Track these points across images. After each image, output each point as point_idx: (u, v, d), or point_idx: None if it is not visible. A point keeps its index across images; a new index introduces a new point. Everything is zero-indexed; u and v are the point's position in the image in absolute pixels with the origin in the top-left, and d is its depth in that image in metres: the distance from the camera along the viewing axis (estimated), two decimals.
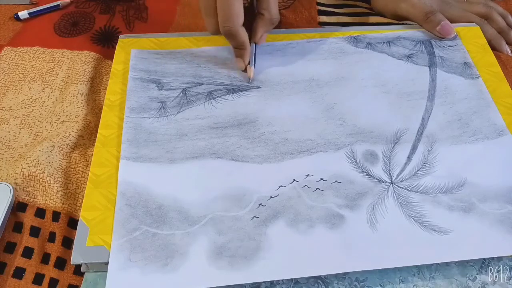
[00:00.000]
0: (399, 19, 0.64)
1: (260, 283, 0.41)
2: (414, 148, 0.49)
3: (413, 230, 0.42)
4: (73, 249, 0.41)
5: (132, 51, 0.56)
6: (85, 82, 0.56)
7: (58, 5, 0.66)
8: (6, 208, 0.43)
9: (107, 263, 0.40)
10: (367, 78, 0.55)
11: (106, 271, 0.39)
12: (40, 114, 0.53)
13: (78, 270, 0.43)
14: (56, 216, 0.45)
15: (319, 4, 0.69)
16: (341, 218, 0.43)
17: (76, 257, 0.40)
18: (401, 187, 0.45)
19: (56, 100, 0.54)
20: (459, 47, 0.59)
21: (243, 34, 0.51)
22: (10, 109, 0.54)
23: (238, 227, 0.42)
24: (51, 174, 0.47)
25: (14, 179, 0.46)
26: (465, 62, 0.57)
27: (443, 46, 0.59)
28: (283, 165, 0.47)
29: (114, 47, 0.58)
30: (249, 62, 0.54)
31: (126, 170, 0.46)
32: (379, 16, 0.67)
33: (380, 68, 0.56)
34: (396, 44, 0.59)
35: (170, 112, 0.51)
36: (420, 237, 0.42)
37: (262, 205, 0.44)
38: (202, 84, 0.54)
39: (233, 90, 0.53)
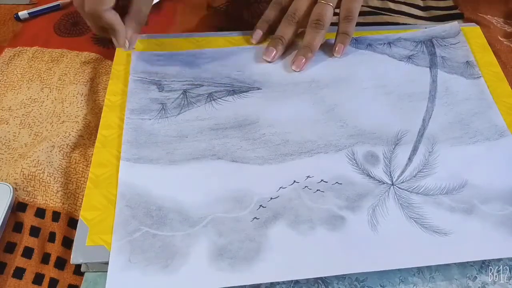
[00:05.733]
0: None
1: (260, 283, 0.41)
2: (415, 150, 0.49)
3: (414, 231, 0.42)
4: (73, 249, 0.41)
5: (132, 53, 0.56)
6: (85, 83, 0.56)
7: (58, 5, 0.66)
8: (6, 208, 0.43)
9: (107, 263, 0.40)
10: (367, 79, 0.55)
11: (106, 271, 0.39)
12: (40, 114, 0.53)
13: (78, 270, 0.43)
14: (56, 216, 0.45)
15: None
16: (341, 219, 0.43)
17: (76, 257, 0.40)
18: (402, 189, 0.45)
19: (55, 99, 0.54)
20: (461, 44, 0.59)
21: (109, 16, 0.50)
22: (9, 109, 0.53)
23: (238, 228, 0.42)
24: (51, 174, 0.47)
25: (14, 179, 0.46)
26: (467, 61, 0.57)
27: (445, 45, 0.59)
28: (283, 166, 0.47)
29: (114, 48, 0.58)
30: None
31: (127, 171, 0.46)
32: (377, 15, 0.67)
33: (381, 69, 0.56)
34: (396, 45, 0.59)
35: (170, 113, 0.51)
36: (421, 238, 0.42)
37: (263, 207, 0.44)
38: (203, 85, 0.54)
39: (233, 91, 0.53)
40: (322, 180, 0.46)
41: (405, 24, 0.65)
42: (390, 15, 0.67)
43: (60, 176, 0.47)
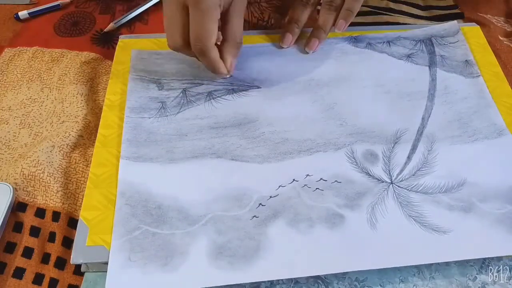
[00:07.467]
0: None
1: (260, 282, 0.41)
2: (414, 148, 0.49)
3: (413, 230, 0.42)
4: (73, 249, 0.41)
5: (132, 52, 0.56)
6: (85, 83, 0.56)
7: (58, 5, 0.66)
8: (6, 208, 0.43)
9: (107, 263, 0.40)
10: (367, 78, 0.55)
11: (106, 271, 0.39)
12: (40, 114, 0.53)
13: (78, 270, 0.43)
14: (56, 216, 0.45)
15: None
16: (341, 218, 0.43)
17: (76, 257, 0.40)
18: (401, 187, 0.46)
19: (55, 99, 0.54)
20: (460, 43, 0.59)
21: (214, 53, 0.49)
22: (9, 109, 0.54)
23: (238, 226, 0.42)
24: (51, 174, 0.47)
25: (14, 179, 0.46)
26: (466, 60, 0.57)
27: (444, 44, 0.59)
28: (283, 165, 0.47)
29: (114, 48, 0.58)
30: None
31: (126, 169, 0.46)
32: (377, 15, 0.67)
33: (380, 68, 0.56)
34: (396, 44, 0.59)
35: (170, 112, 0.51)
36: (420, 237, 0.42)
37: (262, 205, 0.44)
38: (202, 84, 0.54)
39: (233, 90, 0.53)
40: (321, 179, 0.46)
41: (405, 24, 0.64)
42: (391, 15, 0.67)
43: (60, 176, 0.47)
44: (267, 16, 0.67)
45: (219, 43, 0.51)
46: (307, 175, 0.46)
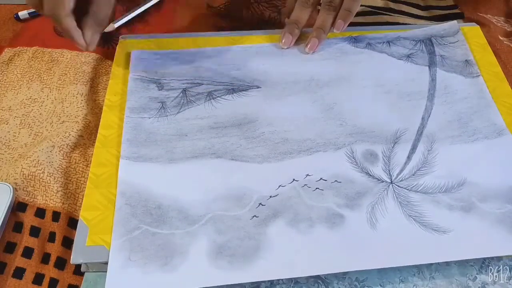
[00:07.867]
0: None
1: (260, 282, 0.41)
2: (414, 148, 0.49)
3: (413, 229, 0.42)
4: (73, 249, 0.41)
5: (132, 52, 0.56)
6: (85, 83, 0.56)
7: None
8: (6, 208, 0.43)
9: (107, 263, 0.40)
10: (367, 78, 0.55)
11: (106, 271, 0.39)
12: (40, 114, 0.53)
13: (78, 270, 0.43)
14: (56, 216, 0.45)
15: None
16: (341, 217, 0.43)
17: (76, 257, 0.40)
18: (401, 187, 0.46)
19: (55, 99, 0.54)
20: (460, 43, 0.59)
21: (68, 22, 0.48)
22: (9, 109, 0.54)
23: (238, 226, 0.42)
24: (51, 174, 0.47)
25: (14, 179, 0.46)
26: (466, 60, 0.57)
27: (444, 44, 0.59)
28: (282, 164, 0.47)
29: (114, 48, 0.58)
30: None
31: (126, 169, 0.46)
32: (377, 15, 0.67)
33: (380, 68, 0.56)
34: (396, 44, 0.59)
35: (170, 112, 0.51)
36: (420, 236, 0.42)
37: (262, 205, 0.44)
38: (202, 84, 0.54)
39: (233, 90, 0.53)
40: (321, 179, 0.46)
41: (405, 24, 0.65)
42: (391, 15, 0.67)
43: (60, 176, 0.47)
44: (267, 16, 0.67)
45: None
46: (307, 175, 0.46)
